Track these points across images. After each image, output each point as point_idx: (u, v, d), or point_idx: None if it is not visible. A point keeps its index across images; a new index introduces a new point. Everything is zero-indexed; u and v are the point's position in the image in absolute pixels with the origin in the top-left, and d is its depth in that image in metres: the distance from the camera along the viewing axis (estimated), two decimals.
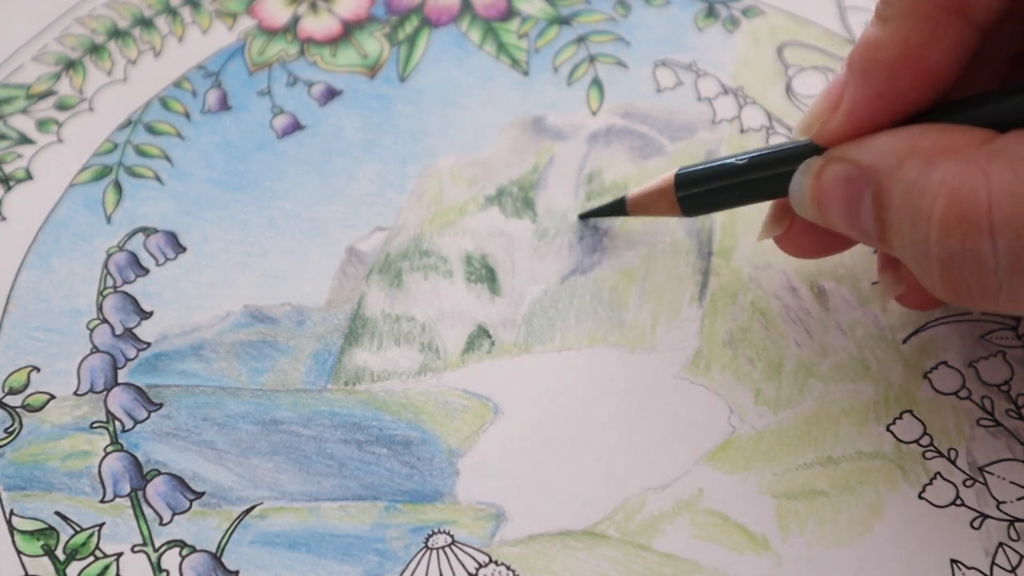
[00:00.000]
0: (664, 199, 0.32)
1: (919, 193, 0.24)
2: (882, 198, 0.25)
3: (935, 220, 0.24)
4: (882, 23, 0.26)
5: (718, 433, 0.31)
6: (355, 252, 0.35)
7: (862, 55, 0.26)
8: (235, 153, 0.37)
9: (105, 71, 0.39)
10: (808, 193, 0.28)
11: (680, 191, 0.31)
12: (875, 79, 0.26)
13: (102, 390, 0.32)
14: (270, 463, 0.30)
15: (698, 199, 0.31)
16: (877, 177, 0.26)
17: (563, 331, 0.33)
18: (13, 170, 0.36)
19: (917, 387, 0.31)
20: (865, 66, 0.26)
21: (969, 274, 0.24)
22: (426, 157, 0.37)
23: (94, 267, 0.34)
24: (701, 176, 0.31)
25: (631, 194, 0.33)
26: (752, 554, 0.29)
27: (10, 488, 0.30)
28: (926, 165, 0.24)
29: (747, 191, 0.30)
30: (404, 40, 0.40)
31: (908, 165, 0.25)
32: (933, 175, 0.24)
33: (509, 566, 0.29)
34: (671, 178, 0.31)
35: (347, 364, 0.32)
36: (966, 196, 0.23)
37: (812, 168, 0.27)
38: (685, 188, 0.31)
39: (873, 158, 0.26)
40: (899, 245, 0.26)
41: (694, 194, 0.31)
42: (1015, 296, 0.24)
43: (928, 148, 0.25)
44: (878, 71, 0.26)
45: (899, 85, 0.26)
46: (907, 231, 0.25)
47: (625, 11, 0.41)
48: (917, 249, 0.25)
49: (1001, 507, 0.29)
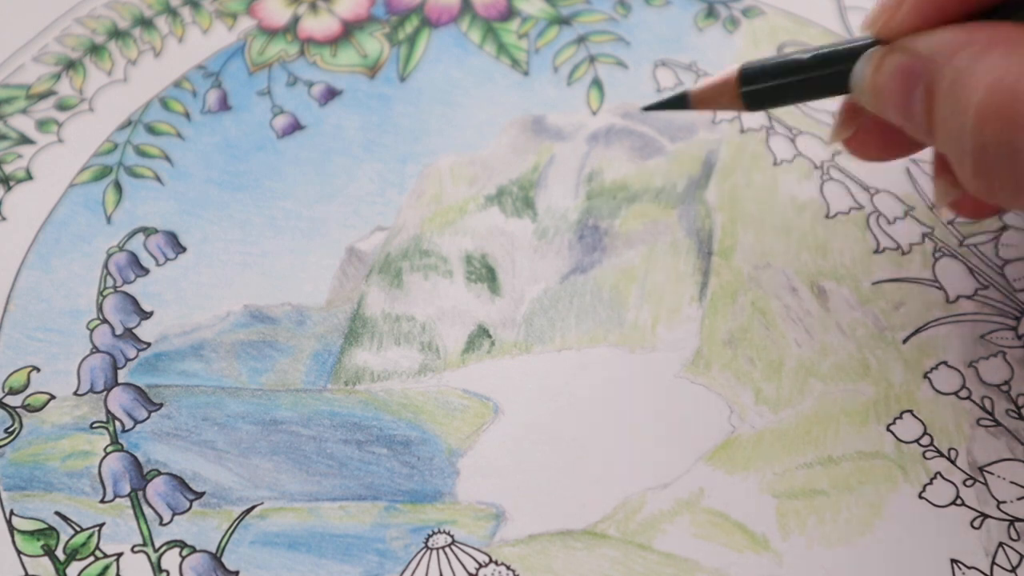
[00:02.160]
0: (728, 93, 0.31)
1: (963, 82, 0.24)
2: (932, 88, 0.25)
3: (972, 110, 0.24)
4: None
5: (718, 433, 0.31)
6: (355, 252, 0.35)
7: None
8: (235, 153, 0.37)
9: (105, 71, 0.39)
10: (868, 82, 0.27)
11: (744, 85, 0.31)
12: None
13: (102, 390, 0.32)
14: (270, 463, 0.30)
15: (762, 94, 0.31)
16: (932, 67, 0.25)
17: (563, 331, 0.33)
18: (13, 170, 0.36)
19: (917, 387, 0.31)
20: None
21: (1003, 167, 0.24)
22: (426, 157, 0.37)
23: (94, 267, 0.34)
24: (766, 71, 0.30)
25: (694, 88, 0.32)
26: (752, 553, 0.29)
27: (10, 488, 0.30)
28: (977, 55, 0.24)
29: (810, 87, 0.30)
30: (404, 40, 0.40)
31: (961, 55, 0.25)
32: (979, 65, 0.24)
33: (509, 566, 0.29)
34: (736, 71, 0.31)
35: (347, 364, 0.32)
36: (1007, 88, 0.23)
37: (873, 57, 0.27)
38: (749, 82, 0.31)
39: (931, 48, 0.26)
40: (942, 137, 0.25)
41: (758, 89, 0.31)
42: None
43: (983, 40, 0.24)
44: None
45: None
46: (949, 121, 0.25)
47: (625, 11, 0.41)
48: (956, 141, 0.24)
49: (1001, 507, 0.29)
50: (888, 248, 0.34)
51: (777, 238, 0.35)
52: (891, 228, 0.35)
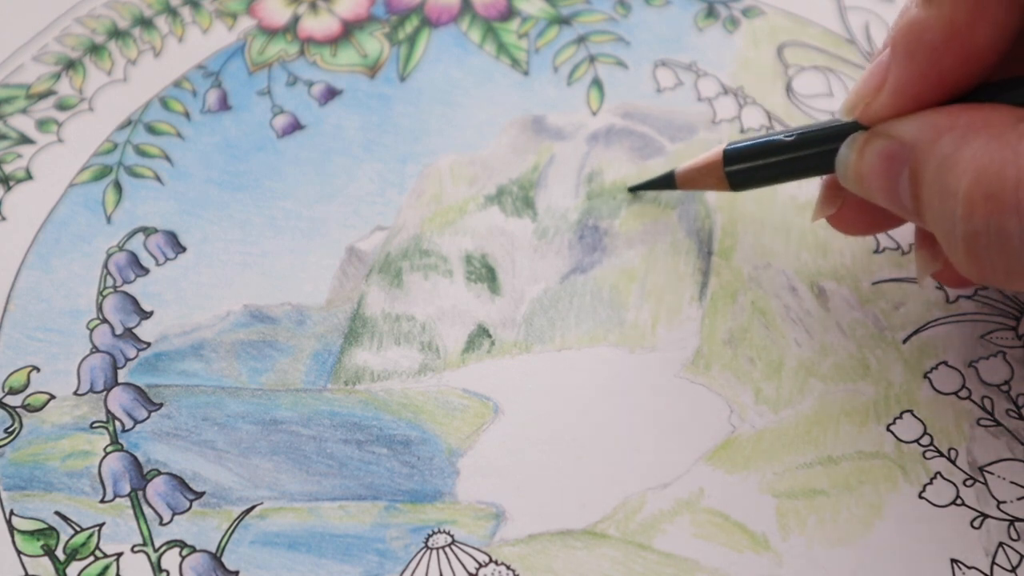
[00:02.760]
0: (712, 173, 0.32)
1: (949, 168, 0.24)
2: (918, 172, 0.25)
3: (961, 196, 0.24)
4: (927, 4, 0.26)
5: (718, 432, 0.31)
6: (355, 252, 0.34)
7: (907, 36, 0.26)
8: (235, 153, 0.37)
9: (105, 71, 0.39)
10: (852, 167, 0.28)
11: (728, 166, 0.31)
12: (920, 59, 0.26)
13: (102, 390, 0.32)
14: (270, 463, 0.30)
15: (746, 174, 0.31)
16: (915, 152, 0.26)
17: (563, 330, 0.33)
18: (13, 170, 0.36)
19: (917, 387, 0.31)
20: (909, 47, 0.26)
21: (994, 253, 0.24)
22: (426, 156, 0.37)
23: (94, 267, 0.34)
24: (749, 152, 0.31)
25: (680, 168, 0.33)
26: (752, 553, 0.29)
27: (10, 488, 0.30)
28: (960, 140, 0.24)
29: (794, 167, 0.30)
30: (404, 40, 0.40)
31: (943, 140, 0.25)
32: (964, 151, 0.24)
33: (509, 566, 0.29)
34: (720, 153, 0.32)
35: (347, 364, 0.32)
36: (994, 174, 0.23)
37: (856, 142, 0.28)
38: (733, 163, 0.31)
39: (913, 133, 0.26)
40: (931, 221, 0.26)
41: (742, 169, 0.31)
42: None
43: (965, 123, 0.25)
44: (923, 51, 0.26)
45: (943, 65, 0.26)
46: (937, 206, 0.25)
47: (625, 11, 0.41)
48: (945, 225, 0.25)
49: (1001, 507, 0.29)
50: (888, 248, 0.34)
51: (777, 238, 0.35)
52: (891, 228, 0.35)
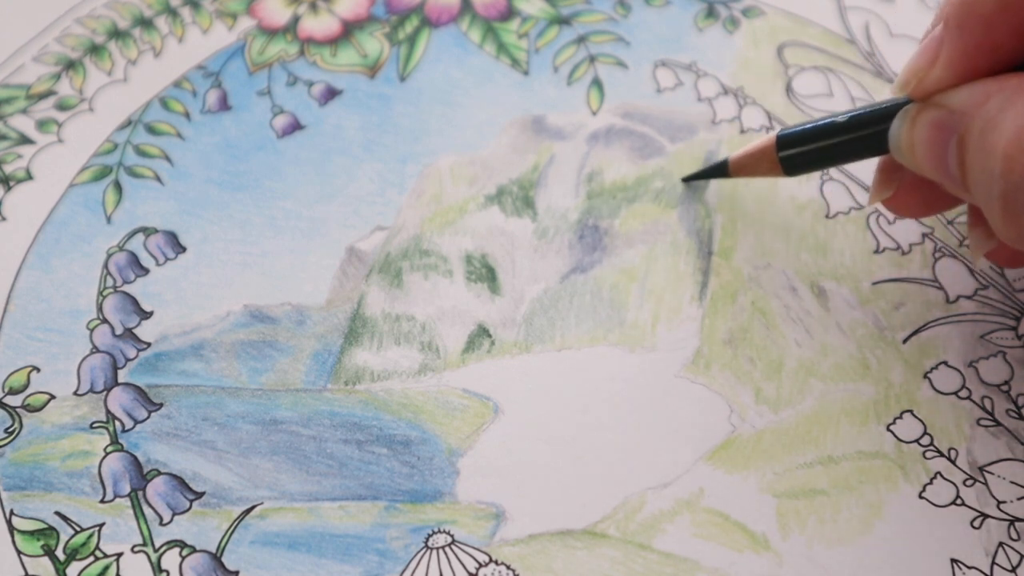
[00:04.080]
0: (766, 159, 0.32)
1: (992, 128, 0.24)
2: (964, 138, 0.26)
3: (1000, 153, 0.24)
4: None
5: (718, 432, 0.31)
6: (355, 252, 0.35)
7: (960, 9, 0.26)
8: (235, 153, 0.37)
9: (105, 71, 0.39)
10: (904, 139, 0.28)
11: (782, 151, 0.31)
12: (973, 32, 0.26)
13: (102, 390, 0.32)
14: (270, 463, 0.30)
15: (799, 158, 0.31)
16: (964, 119, 0.26)
17: (563, 330, 0.33)
18: (13, 170, 0.36)
19: (917, 387, 0.31)
20: (962, 20, 0.26)
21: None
22: (426, 156, 0.37)
23: (94, 267, 0.34)
24: (802, 136, 0.31)
25: (733, 156, 0.33)
26: (752, 553, 0.29)
27: (10, 488, 0.30)
28: (1005, 102, 0.24)
29: (847, 149, 0.30)
30: (404, 40, 0.40)
31: (990, 103, 0.25)
32: (1008, 111, 0.24)
33: (509, 566, 0.29)
34: (773, 138, 0.32)
35: (347, 364, 0.32)
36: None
37: (909, 114, 0.28)
38: (787, 147, 0.31)
39: (962, 101, 0.26)
40: (973, 185, 0.25)
41: (796, 153, 0.31)
42: None
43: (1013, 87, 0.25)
44: (976, 24, 0.26)
45: (996, 37, 0.26)
46: (978, 168, 0.25)
47: (625, 11, 0.41)
48: (985, 186, 0.25)
49: (1001, 507, 0.29)
50: (888, 248, 0.34)
51: (777, 238, 0.35)
52: (891, 228, 0.35)
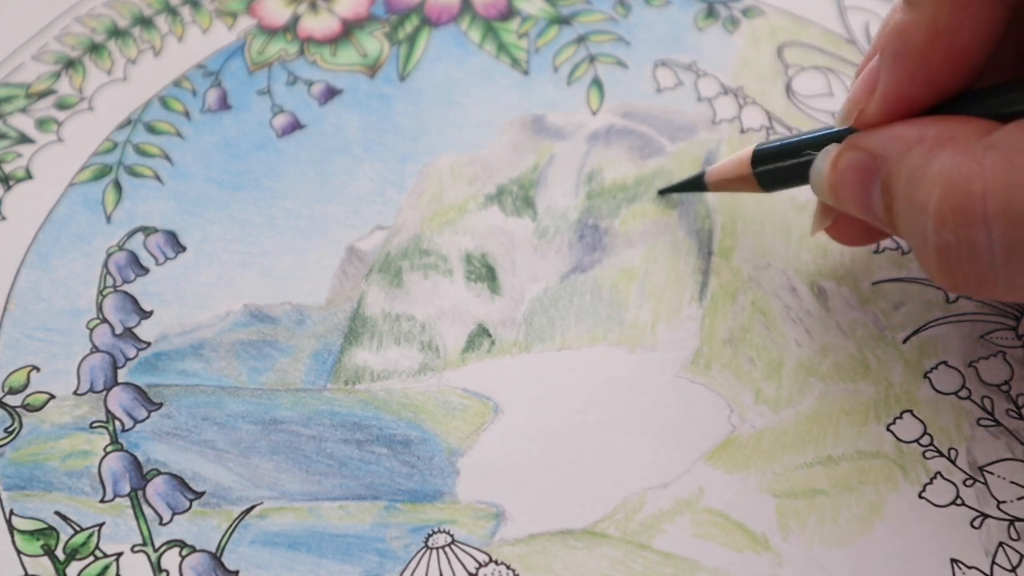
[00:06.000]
0: (742, 174, 0.32)
1: (918, 183, 0.25)
2: (889, 185, 0.26)
3: (931, 210, 0.24)
4: (910, 7, 0.26)
5: (718, 432, 0.31)
6: (355, 251, 0.34)
7: (892, 40, 0.26)
8: (235, 152, 0.37)
9: (105, 70, 0.39)
10: (826, 179, 0.28)
11: (757, 166, 0.31)
12: (907, 63, 0.26)
13: (102, 390, 0.32)
14: (270, 463, 0.30)
15: (775, 174, 0.31)
16: (886, 165, 0.26)
17: (563, 330, 0.33)
18: (13, 170, 0.36)
19: (917, 387, 0.31)
20: (896, 50, 0.26)
21: (965, 264, 0.24)
22: (426, 156, 0.37)
23: (94, 267, 0.34)
24: (778, 152, 0.31)
25: (710, 169, 0.33)
26: (752, 553, 0.29)
27: (10, 488, 0.30)
28: (928, 154, 0.25)
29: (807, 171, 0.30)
30: (404, 39, 0.40)
31: (912, 153, 0.25)
32: (932, 165, 0.24)
33: (509, 565, 0.29)
34: (749, 153, 0.32)
35: (347, 363, 0.32)
36: (961, 187, 0.24)
37: (830, 155, 0.28)
38: (762, 163, 0.31)
39: (884, 146, 0.26)
40: (905, 232, 0.26)
41: (770, 169, 0.31)
42: (1012, 285, 0.24)
43: (933, 137, 0.25)
44: (909, 54, 0.26)
45: (931, 68, 0.26)
46: (909, 220, 0.25)
47: (625, 11, 0.41)
48: (918, 238, 0.25)
49: (1001, 507, 0.29)
50: (888, 248, 0.34)
51: (777, 238, 0.35)
52: None
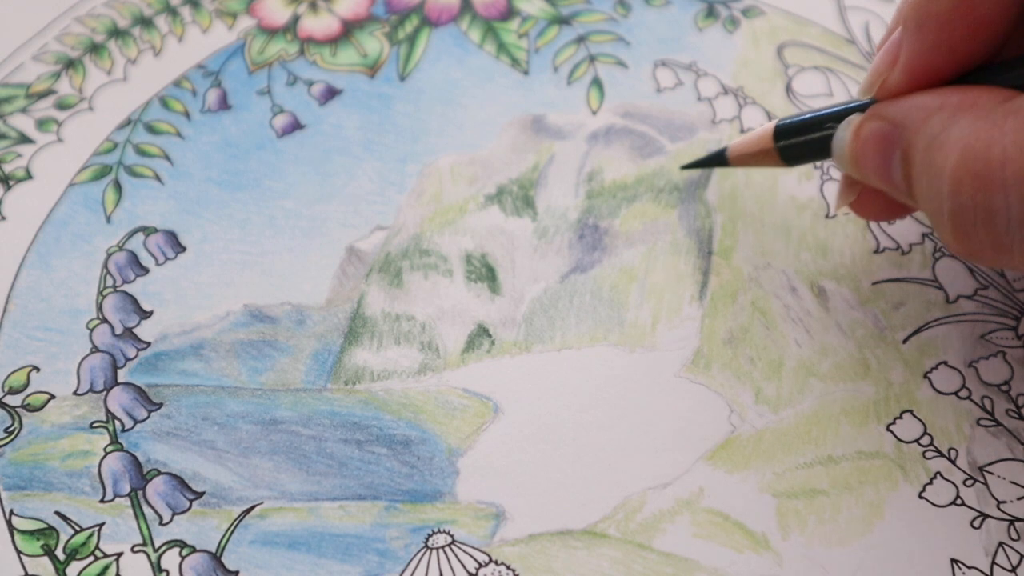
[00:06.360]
0: (764, 148, 0.32)
1: (937, 148, 0.25)
2: (909, 153, 0.26)
3: (948, 174, 0.24)
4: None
5: (718, 432, 0.31)
6: (355, 251, 0.34)
7: (916, 10, 0.26)
8: (235, 152, 0.37)
9: (105, 70, 0.39)
10: (847, 149, 0.28)
11: (780, 140, 0.31)
12: (929, 32, 0.26)
13: (102, 390, 0.32)
14: (270, 463, 0.30)
15: (797, 148, 0.31)
16: (907, 133, 0.26)
17: (563, 330, 0.33)
18: (13, 170, 0.36)
19: (917, 387, 0.31)
20: (919, 20, 0.26)
21: (981, 229, 0.24)
22: (426, 156, 0.37)
23: (94, 267, 0.34)
24: (799, 126, 0.31)
25: (732, 144, 0.33)
26: (752, 553, 0.29)
27: (10, 488, 0.30)
28: (948, 120, 0.25)
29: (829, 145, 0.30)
30: (404, 39, 0.40)
31: (933, 120, 0.25)
32: (951, 131, 0.24)
33: (509, 566, 0.29)
34: (771, 127, 0.32)
35: (347, 363, 0.32)
36: (980, 152, 0.24)
37: (852, 125, 0.28)
38: (785, 137, 0.31)
39: (904, 114, 0.26)
40: (921, 199, 0.26)
41: (793, 144, 0.31)
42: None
43: (953, 104, 0.25)
44: (931, 24, 0.26)
45: (953, 37, 0.26)
46: (926, 185, 0.25)
47: (625, 11, 0.41)
48: (933, 203, 0.25)
49: (1001, 507, 0.29)
50: (888, 248, 0.34)
51: (777, 238, 0.35)
52: (891, 228, 0.35)
